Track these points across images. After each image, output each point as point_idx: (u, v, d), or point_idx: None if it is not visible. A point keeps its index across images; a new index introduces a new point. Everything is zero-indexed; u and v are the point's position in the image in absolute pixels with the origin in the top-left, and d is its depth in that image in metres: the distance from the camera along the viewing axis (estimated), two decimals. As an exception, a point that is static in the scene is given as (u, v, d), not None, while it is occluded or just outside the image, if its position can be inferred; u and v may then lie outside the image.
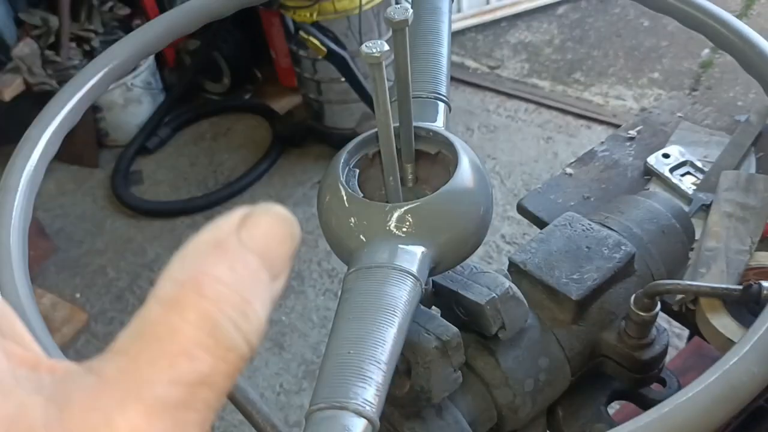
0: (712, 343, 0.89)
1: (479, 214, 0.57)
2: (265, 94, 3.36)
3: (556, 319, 0.75)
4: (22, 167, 0.61)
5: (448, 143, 0.60)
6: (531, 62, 3.25)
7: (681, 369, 1.45)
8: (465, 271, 0.70)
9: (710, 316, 0.88)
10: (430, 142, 0.62)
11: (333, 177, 0.58)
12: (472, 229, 0.57)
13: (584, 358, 0.76)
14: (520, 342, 0.72)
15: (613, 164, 1.13)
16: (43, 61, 2.95)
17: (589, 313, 0.76)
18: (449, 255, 0.57)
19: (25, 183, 0.61)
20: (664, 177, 1.08)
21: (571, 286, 0.73)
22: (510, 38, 3.42)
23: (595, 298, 0.75)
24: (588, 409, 0.83)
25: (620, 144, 1.17)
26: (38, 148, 0.63)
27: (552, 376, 0.73)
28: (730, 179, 0.98)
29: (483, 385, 0.72)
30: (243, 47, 3.25)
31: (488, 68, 3.26)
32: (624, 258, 0.76)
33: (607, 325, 0.76)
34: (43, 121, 0.66)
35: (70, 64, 3.00)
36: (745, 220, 0.94)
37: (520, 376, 0.71)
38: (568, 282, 0.74)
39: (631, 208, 0.86)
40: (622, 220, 0.83)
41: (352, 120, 2.85)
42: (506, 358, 0.71)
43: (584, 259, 0.76)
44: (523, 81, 3.16)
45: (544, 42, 3.36)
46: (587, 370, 0.78)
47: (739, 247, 0.92)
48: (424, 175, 0.63)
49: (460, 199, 0.56)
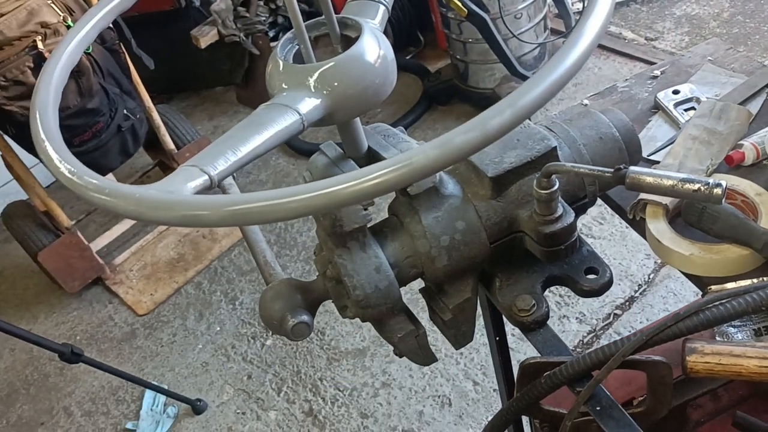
0: (650, 245, 1.00)
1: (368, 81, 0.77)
2: (425, 56, 3.61)
3: (478, 194, 0.91)
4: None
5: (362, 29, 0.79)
6: (692, 35, 3.16)
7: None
8: (391, 138, 0.90)
9: (649, 221, 0.99)
10: (354, 29, 0.82)
11: (275, 50, 0.81)
12: (360, 90, 0.76)
13: (502, 230, 0.92)
14: (441, 205, 0.90)
15: (628, 98, 1.23)
16: (235, 15, 3.42)
17: (508, 192, 0.91)
18: (342, 107, 0.77)
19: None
20: (667, 110, 1.16)
21: (490, 165, 0.89)
22: (676, 10, 3.34)
23: (513, 180, 0.90)
24: (523, 284, 0.98)
25: (642, 81, 1.25)
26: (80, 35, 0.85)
27: (467, 238, 0.90)
28: (706, 107, 1.05)
29: (408, 236, 0.91)
30: (407, 11, 3.50)
31: (645, 40, 3.23)
32: (543, 149, 0.90)
33: (523, 204, 0.91)
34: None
35: (257, 19, 3.45)
36: (709, 143, 1.02)
37: (437, 232, 0.89)
38: (490, 163, 0.90)
39: (581, 118, 0.99)
40: (565, 125, 0.97)
41: (492, 80, 3.00)
42: (427, 216, 0.89)
43: (510, 148, 0.91)
44: (680, 53, 3.08)
45: (711, 15, 3.24)
46: (510, 243, 0.93)
47: (696, 167, 1.01)
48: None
49: (351, 66, 0.76)
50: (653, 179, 0.78)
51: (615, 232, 2.48)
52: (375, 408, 2.24)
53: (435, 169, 0.56)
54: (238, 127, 0.70)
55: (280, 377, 2.41)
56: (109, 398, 2.52)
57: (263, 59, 3.50)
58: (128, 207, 0.59)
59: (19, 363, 2.75)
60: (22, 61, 2.18)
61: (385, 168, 0.55)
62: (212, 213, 0.57)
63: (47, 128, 0.67)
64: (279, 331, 0.90)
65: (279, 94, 0.76)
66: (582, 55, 0.60)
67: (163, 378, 2.52)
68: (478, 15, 2.70)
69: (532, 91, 0.58)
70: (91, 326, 2.80)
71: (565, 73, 0.59)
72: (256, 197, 0.56)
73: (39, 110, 0.70)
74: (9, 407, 2.60)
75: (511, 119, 0.57)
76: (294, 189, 0.56)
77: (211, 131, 3.63)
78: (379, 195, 0.56)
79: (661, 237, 0.96)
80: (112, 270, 2.95)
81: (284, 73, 0.77)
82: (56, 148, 0.66)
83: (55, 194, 2.81)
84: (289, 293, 0.91)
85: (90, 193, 0.61)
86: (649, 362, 0.88)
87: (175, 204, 0.58)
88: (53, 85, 0.73)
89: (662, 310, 2.23)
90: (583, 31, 0.62)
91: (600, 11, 0.64)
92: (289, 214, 0.56)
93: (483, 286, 1.01)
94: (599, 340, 2.21)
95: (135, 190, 0.59)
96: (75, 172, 0.63)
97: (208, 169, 0.64)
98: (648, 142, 1.14)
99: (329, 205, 0.56)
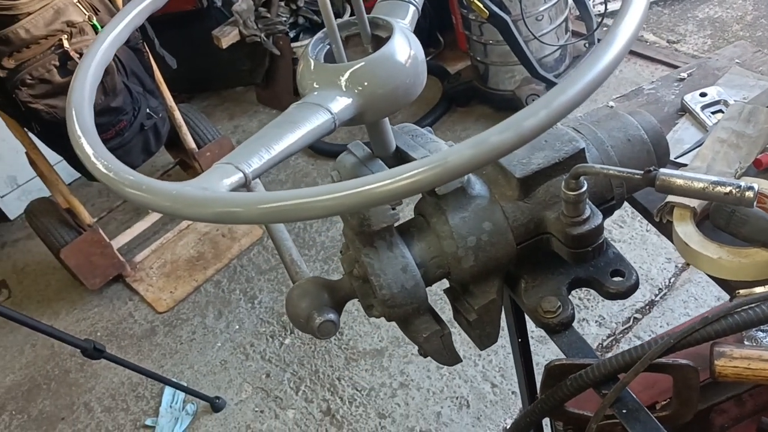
0: (677, 248, 0.99)
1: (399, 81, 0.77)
2: (444, 57, 3.61)
3: (505, 195, 0.91)
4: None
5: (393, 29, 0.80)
6: (714, 38, 3.14)
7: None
8: (419, 138, 0.90)
9: (676, 224, 0.98)
10: (385, 29, 0.82)
11: (306, 49, 0.81)
12: (391, 90, 0.77)
13: (528, 231, 0.92)
14: (468, 206, 0.90)
15: (654, 100, 1.23)
16: (256, 16, 3.44)
17: (535, 194, 0.91)
18: (372, 107, 0.77)
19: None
20: (694, 113, 1.15)
21: (517, 166, 0.90)
22: (698, 13, 3.32)
23: (540, 181, 0.90)
24: (548, 286, 0.98)
25: (669, 84, 1.25)
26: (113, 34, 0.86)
27: (494, 239, 0.90)
28: (734, 110, 1.05)
29: (435, 236, 0.91)
30: (427, 12, 3.50)
31: (667, 42, 3.21)
32: (571, 151, 0.90)
33: (551, 206, 0.91)
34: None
35: (277, 20, 3.47)
36: (738, 147, 1.01)
37: (464, 233, 0.89)
38: (517, 164, 0.90)
39: (609, 120, 0.98)
40: (593, 127, 0.96)
41: (512, 82, 3.00)
42: (454, 216, 0.89)
43: (538, 149, 0.91)
44: (702, 56, 3.06)
45: (734, 18, 3.21)
46: (537, 245, 0.93)
47: (724, 170, 1.00)
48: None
49: (382, 66, 0.76)
50: (684, 182, 0.78)
51: (635, 236, 2.46)
52: (393, 408, 2.24)
53: (469, 169, 0.56)
54: (271, 126, 0.71)
55: (298, 376, 2.42)
56: (129, 394, 2.54)
57: (284, 59, 3.51)
58: (164, 203, 0.60)
59: (41, 358, 2.78)
60: (47, 60, 2.20)
61: (420, 167, 0.55)
62: (246, 210, 0.57)
63: (83, 124, 0.68)
64: (305, 329, 0.91)
65: (310, 93, 0.77)
66: (617, 55, 0.60)
67: (183, 375, 2.54)
68: (500, 16, 2.69)
69: (566, 91, 0.58)
70: (112, 323, 2.83)
71: (600, 74, 0.59)
72: (291, 195, 0.57)
73: (75, 107, 0.71)
74: (30, 402, 2.63)
75: (546, 120, 0.57)
76: (328, 187, 0.56)
77: (231, 131, 3.65)
78: (413, 194, 0.56)
79: (689, 240, 0.96)
80: (133, 267, 2.98)
81: (315, 73, 0.78)
82: (92, 143, 0.67)
83: (77, 191, 2.84)
84: (316, 291, 0.91)
85: (126, 189, 0.62)
86: (676, 366, 0.88)
87: (211, 201, 0.58)
88: (89, 82, 0.74)
89: (683, 314, 2.22)
90: (617, 32, 0.62)
91: (635, 11, 0.63)
92: (323, 212, 0.56)
93: (508, 287, 1.01)
94: (619, 344, 2.20)
95: (171, 186, 0.60)
96: (112, 168, 0.64)
97: (243, 166, 0.65)
98: (675, 145, 1.13)
99: (364, 204, 0.56)
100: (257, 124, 3.66)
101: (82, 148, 0.66)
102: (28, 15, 2.16)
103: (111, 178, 0.63)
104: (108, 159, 0.64)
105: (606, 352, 2.18)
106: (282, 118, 0.72)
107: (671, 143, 1.10)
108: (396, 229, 0.89)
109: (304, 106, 0.73)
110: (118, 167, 0.63)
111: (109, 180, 0.63)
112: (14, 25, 2.15)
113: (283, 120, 0.72)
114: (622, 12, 0.63)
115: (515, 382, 2.17)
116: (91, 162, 0.65)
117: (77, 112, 0.70)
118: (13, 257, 3.34)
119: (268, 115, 3.68)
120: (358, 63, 0.76)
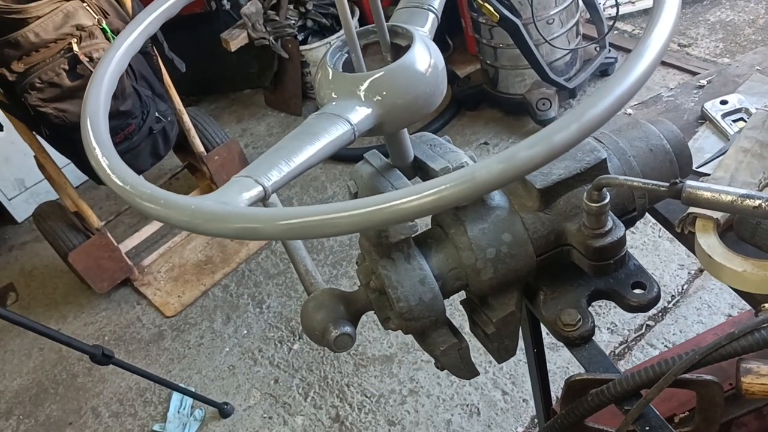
0: (700, 260, 0.97)
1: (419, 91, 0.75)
2: (453, 61, 3.59)
3: (525, 205, 0.89)
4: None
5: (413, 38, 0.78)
6: (727, 42, 3.11)
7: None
8: (438, 147, 0.88)
9: (699, 235, 0.96)
10: (404, 37, 0.80)
11: (324, 58, 0.80)
12: (411, 100, 0.75)
13: (549, 243, 0.90)
14: (487, 217, 0.88)
15: (673, 108, 1.21)
16: (265, 19, 3.43)
17: (556, 204, 0.89)
18: (392, 117, 0.76)
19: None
20: (715, 121, 1.13)
21: (538, 177, 0.88)
22: (710, 16, 3.29)
23: (561, 192, 0.88)
24: (568, 298, 0.96)
25: (688, 91, 1.23)
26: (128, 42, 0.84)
27: (514, 250, 0.88)
28: (758, 118, 1.03)
29: (453, 247, 0.89)
30: (437, 15, 3.48)
31: (678, 46, 3.18)
32: (593, 161, 0.88)
33: (572, 217, 0.89)
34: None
35: (286, 23, 3.46)
36: (762, 156, 0.99)
37: (483, 244, 0.87)
38: (538, 174, 0.88)
39: (631, 129, 0.96)
40: (614, 136, 0.94)
41: (522, 86, 2.98)
42: (473, 227, 0.87)
43: (559, 159, 0.89)
44: (713, 60, 3.04)
45: (746, 21, 3.19)
46: (557, 256, 0.91)
47: (748, 180, 0.98)
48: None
49: (402, 75, 0.74)
50: (711, 195, 0.76)
51: (647, 242, 2.44)
52: (402, 415, 2.22)
53: (498, 185, 0.54)
54: (290, 137, 0.69)
55: (307, 382, 2.41)
56: (137, 399, 2.53)
57: (292, 62, 3.50)
58: (182, 218, 0.58)
59: (48, 362, 2.77)
60: (57, 64, 2.19)
61: (448, 183, 0.54)
62: (268, 226, 0.56)
63: (98, 135, 0.67)
64: (321, 342, 0.89)
65: (329, 103, 0.75)
66: (649, 67, 0.58)
67: (191, 380, 2.53)
68: (510, 20, 2.67)
69: (598, 104, 0.56)
70: (119, 327, 2.82)
71: (632, 86, 0.57)
72: (313, 211, 0.55)
73: (90, 117, 0.69)
74: (38, 406, 2.62)
75: (578, 134, 0.55)
76: (352, 203, 0.55)
77: (240, 134, 3.64)
78: (440, 210, 0.55)
79: (712, 252, 0.94)
80: (141, 271, 2.97)
81: (334, 82, 0.76)
82: (107, 155, 0.66)
83: (85, 195, 2.83)
84: (332, 304, 0.90)
85: (144, 203, 0.60)
86: (701, 381, 0.86)
87: (231, 216, 0.57)
88: (103, 92, 0.73)
89: (696, 322, 2.19)
90: (649, 42, 0.60)
91: (666, 21, 0.62)
92: (347, 229, 0.55)
93: (526, 298, 0.99)
94: (631, 351, 2.18)
95: (190, 201, 0.58)
96: (128, 182, 0.62)
97: (262, 180, 0.63)
98: (695, 154, 1.11)
99: (390, 220, 0.54)
100: (265, 127, 3.65)
101: (98, 160, 0.65)
102: (38, 18, 2.15)
103: (127, 191, 0.62)
104: (125, 172, 0.63)
105: (618, 359, 2.16)
106: (301, 129, 0.71)
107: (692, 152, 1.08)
108: (413, 240, 0.88)
109: (323, 116, 0.72)
110: (136, 181, 0.62)
111: (125, 193, 0.62)
112: (23, 29, 2.14)
113: (302, 131, 0.70)
114: (653, 22, 0.61)
115: (526, 390, 2.15)
116: (107, 174, 0.63)
117: (92, 122, 0.69)
118: (21, 260, 3.33)
119: (276, 118, 3.67)
120: (377, 73, 0.74)
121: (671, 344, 2.15)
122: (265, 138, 3.58)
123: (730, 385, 1.08)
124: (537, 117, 2.95)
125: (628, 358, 2.16)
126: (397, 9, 0.89)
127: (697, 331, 2.16)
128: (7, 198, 3.45)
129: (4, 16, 2.13)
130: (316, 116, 0.72)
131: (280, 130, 3.60)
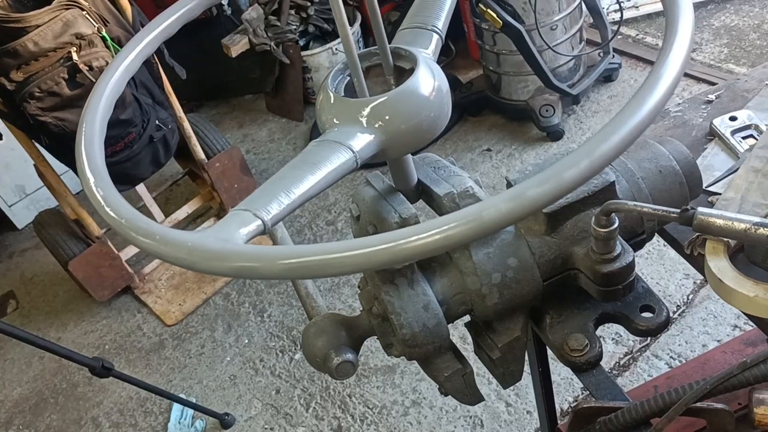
0: (710, 283, 0.95)
1: (423, 115, 0.73)
2: (456, 66, 3.57)
3: (531, 229, 0.87)
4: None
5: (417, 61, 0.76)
6: (731, 47, 3.09)
7: (752, 340, 1.43)
8: (442, 170, 0.86)
9: (709, 258, 0.94)
10: (408, 60, 0.78)
11: (325, 81, 0.78)
12: (415, 125, 0.73)
13: (555, 267, 0.88)
14: (492, 241, 0.86)
15: (681, 124, 1.18)
16: (266, 24, 3.41)
17: (563, 228, 0.87)
18: (396, 143, 0.74)
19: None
20: (724, 138, 1.11)
21: (544, 200, 0.85)
22: (714, 21, 3.27)
23: (568, 216, 0.86)
24: (575, 322, 0.94)
25: (696, 106, 1.21)
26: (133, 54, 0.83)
27: (519, 275, 0.86)
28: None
29: (458, 272, 0.87)
30: (439, 20, 3.46)
31: (682, 51, 3.16)
32: (600, 184, 0.86)
33: (579, 241, 0.87)
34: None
35: (287, 28, 3.44)
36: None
37: (489, 269, 0.85)
38: (544, 198, 0.86)
39: (639, 149, 0.94)
40: (622, 157, 0.92)
41: (525, 92, 2.95)
42: (478, 252, 0.85)
43: (565, 182, 0.87)
44: (718, 65, 3.02)
45: (751, 26, 3.16)
46: (563, 281, 0.89)
47: (759, 201, 0.96)
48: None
49: (405, 100, 0.72)
50: (724, 222, 0.74)
51: (652, 251, 2.42)
52: (405, 427, 2.20)
53: (506, 224, 0.52)
54: (291, 166, 0.67)
55: (308, 392, 2.39)
56: (138, 410, 2.51)
57: (293, 68, 3.48)
58: (179, 255, 0.56)
59: (48, 372, 2.75)
60: (56, 72, 2.18)
61: (454, 222, 0.52)
62: (267, 266, 0.54)
63: (94, 167, 0.65)
64: (322, 369, 0.87)
65: (330, 129, 0.73)
66: (662, 98, 0.56)
67: (191, 390, 2.51)
68: (513, 26, 2.65)
69: (609, 139, 0.54)
70: (120, 336, 2.80)
71: (645, 119, 0.55)
72: (314, 250, 0.53)
73: (85, 145, 0.67)
74: (38, 416, 2.61)
75: (588, 171, 0.53)
76: (353, 242, 0.53)
77: (241, 140, 3.62)
78: (445, 251, 0.53)
79: (723, 276, 0.91)
80: (141, 279, 2.95)
81: (336, 107, 0.74)
82: (103, 187, 0.64)
83: (85, 202, 2.81)
84: (333, 330, 0.88)
85: (139, 238, 0.58)
86: (712, 410, 0.84)
87: (229, 254, 0.55)
88: (98, 119, 0.71)
89: (702, 332, 2.17)
90: (661, 72, 0.58)
91: (678, 50, 0.60)
92: (349, 269, 0.53)
93: (532, 320, 0.97)
94: (636, 362, 2.16)
95: (188, 237, 0.56)
96: (123, 215, 0.60)
97: (261, 213, 0.61)
98: (704, 171, 1.09)
99: (393, 261, 0.52)
100: (267, 133, 3.63)
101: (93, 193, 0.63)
102: (37, 27, 2.14)
103: (123, 226, 0.60)
104: (121, 206, 0.61)
105: (623, 370, 2.14)
106: (301, 158, 0.69)
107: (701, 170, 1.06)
108: (417, 264, 0.86)
109: (324, 144, 0.70)
110: (131, 215, 0.60)
111: (121, 228, 0.60)
112: (23, 38, 2.12)
113: (303, 160, 0.68)
114: (665, 50, 0.59)
115: (530, 402, 2.12)
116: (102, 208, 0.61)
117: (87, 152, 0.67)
118: (21, 267, 3.32)
119: (278, 124, 3.65)
120: (380, 98, 0.72)
121: (677, 355, 2.13)
122: (266, 144, 3.56)
123: (738, 405, 1.06)
124: (540, 123, 2.93)
125: (633, 369, 2.14)
126: (400, 29, 0.87)
127: (703, 342, 2.14)
128: (8, 205, 3.44)
129: (3, 25, 2.11)
130: (317, 144, 0.70)
131: (281, 136, 3.58)
